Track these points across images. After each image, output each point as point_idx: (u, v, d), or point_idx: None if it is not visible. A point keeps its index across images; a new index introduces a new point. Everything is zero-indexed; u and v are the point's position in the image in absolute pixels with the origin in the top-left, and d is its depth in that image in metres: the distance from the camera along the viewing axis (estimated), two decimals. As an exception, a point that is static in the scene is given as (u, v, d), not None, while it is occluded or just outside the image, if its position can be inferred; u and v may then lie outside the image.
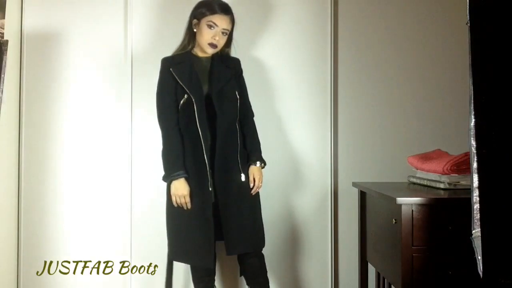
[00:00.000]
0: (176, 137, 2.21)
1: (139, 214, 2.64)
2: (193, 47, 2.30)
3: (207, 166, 2.18)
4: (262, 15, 2.70)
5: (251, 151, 2.32)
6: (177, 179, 2.17)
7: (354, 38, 2.74)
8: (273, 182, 2.65)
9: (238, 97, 2.29)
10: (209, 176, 2.18)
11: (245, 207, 2.24)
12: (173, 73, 2.22)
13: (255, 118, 2.40)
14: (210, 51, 2.26)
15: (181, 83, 2.21)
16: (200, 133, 2.17)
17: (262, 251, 2.32)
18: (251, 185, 2.27)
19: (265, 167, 2.34)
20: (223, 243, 2.22)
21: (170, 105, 2.23)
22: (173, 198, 2.18)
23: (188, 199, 2.17)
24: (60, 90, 2.67)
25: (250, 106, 2.41)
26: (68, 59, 2.67)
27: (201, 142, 2.18)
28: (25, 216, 2.64)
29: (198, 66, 2.28)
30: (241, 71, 2.39)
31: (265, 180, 2.33)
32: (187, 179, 2.18)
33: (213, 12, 2.20)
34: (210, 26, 2.21)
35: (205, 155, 2.18)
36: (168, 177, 2.19)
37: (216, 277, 2.39)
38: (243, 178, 2.23)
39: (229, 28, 2.26)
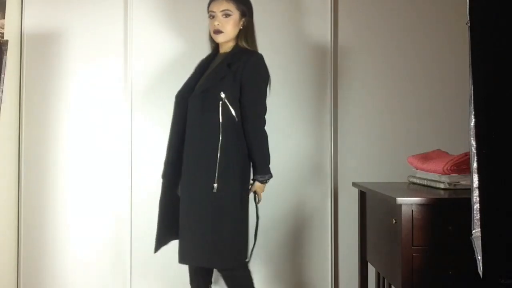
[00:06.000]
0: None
1: (139, 213, 2.64)
2: (216, 45, 2.27)
3: (174, 166, 2.16)
4: (258, 11, 2.70)
5: (254, 165, 2.18)
6: None
7: (354, 38, 2.73)
8: (273, 182, 2.63)
9: (225, 101, 2.05)
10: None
11: (210, 219, 2.04)
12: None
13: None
14: (220, 39, 2.18)
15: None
16: (171, 129, 2.18)
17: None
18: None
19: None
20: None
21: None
22: None
23: None
24: (60, 89, 2.67)
25: (257, 114, 2.16)
26: (68, 59, 2.67)
27: (173, 140, 2.17)
28: (25, 216, 2.64)
29: (214, 63, 2.23)
30: (249, 75, 2.10)
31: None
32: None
33: (210, 1, 2.20)
34: (211, 16, 2.19)
35: (171, 154, 2.17)
36: None
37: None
38: (215, 189, 2.03)
39: (229, 7, 2.13)
